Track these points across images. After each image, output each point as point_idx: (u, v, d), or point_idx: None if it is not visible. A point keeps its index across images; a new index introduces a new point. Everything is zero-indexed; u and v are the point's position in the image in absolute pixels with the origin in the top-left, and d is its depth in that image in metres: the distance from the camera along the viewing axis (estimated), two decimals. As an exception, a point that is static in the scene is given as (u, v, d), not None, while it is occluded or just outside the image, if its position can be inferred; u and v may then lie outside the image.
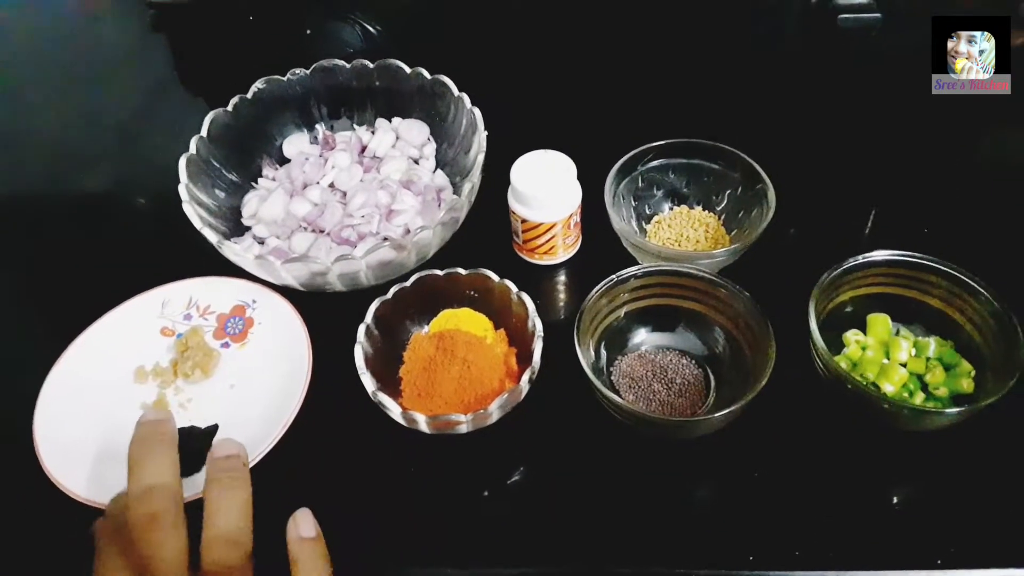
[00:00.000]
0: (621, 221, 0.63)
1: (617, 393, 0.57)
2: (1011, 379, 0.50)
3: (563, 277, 0.68)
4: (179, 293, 0.64)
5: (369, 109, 0.74)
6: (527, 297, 0.56)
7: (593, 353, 0.57)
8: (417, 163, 0.72)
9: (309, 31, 0.80)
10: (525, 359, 0.55)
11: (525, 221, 0.64)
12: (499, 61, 0.83)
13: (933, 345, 0.56)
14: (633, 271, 0.57)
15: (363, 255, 0.57)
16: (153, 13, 0.90)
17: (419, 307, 0.60)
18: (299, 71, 0.72)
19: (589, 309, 0.55)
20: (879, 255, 0.56)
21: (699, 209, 0.69)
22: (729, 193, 0.67)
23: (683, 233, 0.67)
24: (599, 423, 0.54)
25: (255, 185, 0.71)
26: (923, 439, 0.53)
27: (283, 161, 0.73)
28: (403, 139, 0.72)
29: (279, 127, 0.73)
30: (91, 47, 0.96)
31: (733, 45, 0.81)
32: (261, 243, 0.66)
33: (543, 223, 0.63)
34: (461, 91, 0.69)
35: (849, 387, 0.52)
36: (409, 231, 0.65)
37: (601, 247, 0.66)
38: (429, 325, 0.60)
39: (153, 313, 0.63)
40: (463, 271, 0.59)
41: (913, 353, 0.56)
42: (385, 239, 0.63)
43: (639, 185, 0.68)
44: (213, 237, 0.59)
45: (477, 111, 0.67)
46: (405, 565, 0.50)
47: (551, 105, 0.81)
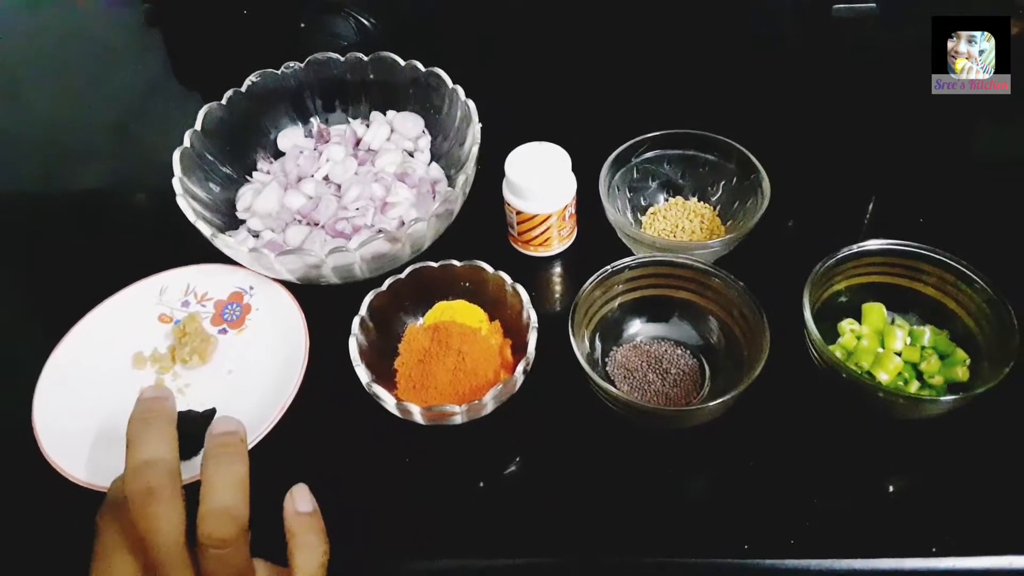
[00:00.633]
0: (616, 212, 0.63)
1: (612, 384, 0.57)
2: (1006, 367, 0.50)
3: (558, 269, 0.68)
4: (177, 280, 0.65)
5: (364, 102, 0.74)
6: (521, 288, 0.56)
7: (588, 344, 0.57)
8: (412, 156, 0.72)
9: (303, 24, 0.80)
10: (520, 350, 0.55)
11: (520, 213, 0.63)
12: (494, 53, 0.83)
13: (928, 334, 0.56)
14: (627, 262, 0.57)
15: (357, 247, 0.57)
16: (147, 7, 0.90)
17: (414, 299, 0.60)
18: (293, 64, 0.72)
19: (583, 300, 0.55)
20: (873, 244, 0.56)
21: (694, 200, 0.68)
22: (724, 184, 0.67)
23: (678, 224, 0.67)
24: (594, 414, 0.54)
25: (250, 179, 0.70)
26: (918, 428, 0.53)
27: (278, 154, 0.73)
28: (398, 132, 0.72)
29: (273, 120, 0.73)
30: (86, 41, 0.96)
31: (728, 35, 0.81)
32: (256, 236, 0.66)
33: (538, 215, 0.63)
34: (455, 83, 0.69)
35: (844, 376, 0.52)
36: (404, 223, 0.65)
37: (596, 238, 0.66)
38: (424, 317, 0.60)
39: (151, 300, 0.64)
40: (457, 263, 0.59)
41: (908, 342, 0.56)
42: (380, 231, 0.63)
43: (634, 176, 0.68)
44: (207, 230, 0.59)
45: (471, 103, 0.67)
46: (400, 555, 0.50)
47: (546, 97, 0.81)
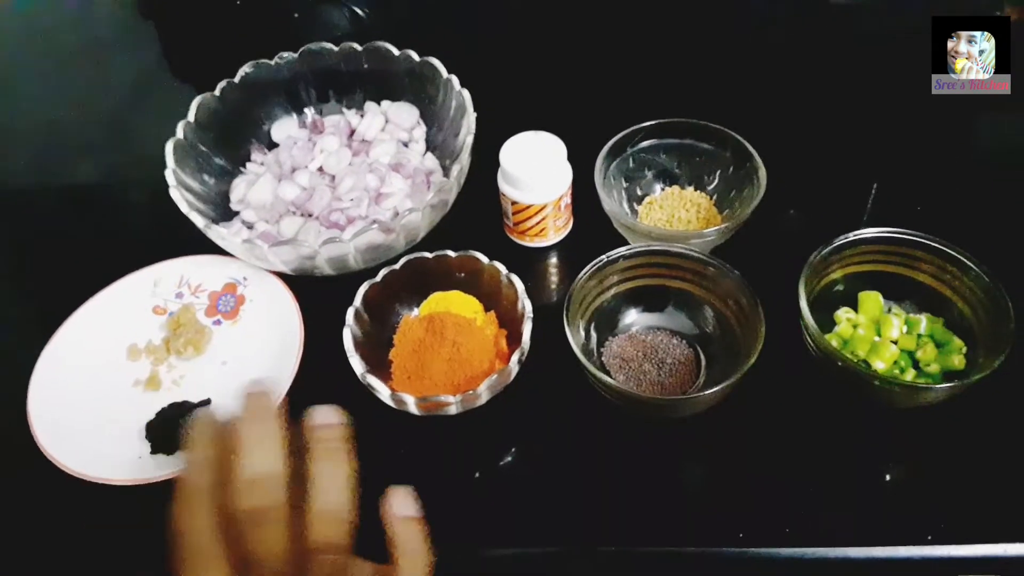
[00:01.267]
0: (612, 202, 0.63)
1: (608, 374, 0.57)
2: (1001, 354, 0.50)
3: (554, 259, 0.68)
4: (171, 272, 0.65)
5: (358, 92, 0.74)
6: (516, 279, 0.56)
7: (583, 334, 0.57)
8: (407, 146, 0.72)
9: (297, 15, 0.80)
10: (515, 340, 0.55)
11: (515, 203, 0.63)
12: (488, 43, 0.83)
13: (924, 322, 0.56)
14: (622, 251, 0.57)
15: (351, 238, 0.57)
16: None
17: (409, 290, 0.60)
18: (287, 55, 0.71)
19: (578, 291, 0.55)
20: (869, 232, 0.56)
21: (691, 189, 0.68)
22: (720, 173, 0.66)
23: (675, 214, 0.66)
24: (590, 403, 0.54)
25: (243, 170, 0.70)
26: (914, 416, 0.53)
27: (272, 146, 0.73)
28: (392, 122, 0.72)
29: (267, 111, 0.73)
30: (79, 33, 0.95)
31: (724, 24, 0.81)
32: (250, 228, 0.66)
33: (533, 205, 0.63)
34: (450, 73, 0.68)
35: (840, 365, 0.52)
36: (398, 214, 0.65)
37: (593, 228, 0.66)
38: (419, 308, 0.60)
39: (145, 292, 0.64)
40: (452, 253, 0.58)
41: (904, 330, 0.56)
42: (374, 222, 0.63)
43: (630, 166, 0.67)
44: (200, 221, 0.59)
45: (466, 93, 0.66)
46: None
47: (542, 86, 0.81)
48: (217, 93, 0.69)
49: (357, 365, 0.52)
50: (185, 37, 0.91)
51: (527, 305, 0.54)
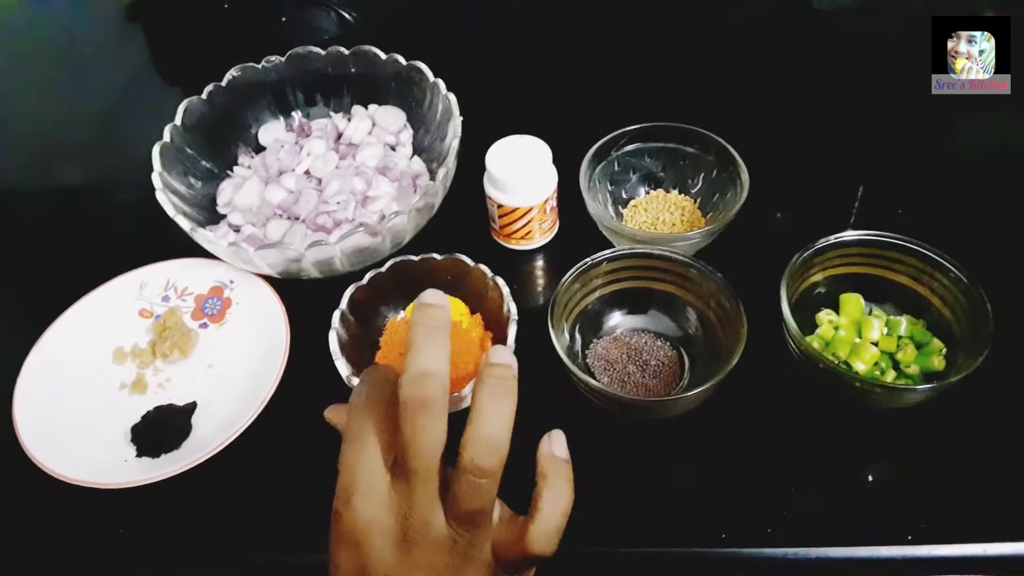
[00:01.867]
0: (597, 206, 0.63)
1: (592, 376, 0.57)
2: (980, 355, 0.50)
3: (540, 261, 0.68)
4: (157, 275, 0.65)
5: (345, 96, 0.74)
6: (502, 281, 0.56)
7: (568, 336, 0.57)
8: (394, 149, 0.72)
9: (284, 18, 0.80)
10: (500, 343, 0.55)
11: (501, 206, 0.64)
12: (475, 47, 0.83)
13: (904, 324, 0.56)
14: (605, 255, 0.57)
15: (337, 241, 0.57)
16: (129, 2, 0.90)
17: (395, 292, 0.60)
18: (274, 58, 0.72)
19: (562, 294, 0.55)
20: (849, 235, 0.57)
21: (675, 193, 0.69)
22: (704, 176, 0.67)
23: (659, 217, 0.67)
24: (575, 405, 0.55)
25: (231, 173, 0.70)
26: (895, 417, 0.54)
27: (259, 149, 0.73)
28: (379, 126, 0.72)
29: (255, 115, 0.73)
30: (67, 36, 0.95)
31: (708, 27, 0.81)
32: (236, 231, 0.66)
33: (519, 208, 0.63)
34: (437, 77, 0.69)
35: (821, 366, 0.52)
36: (384, 217, 0.65)
37: (578, 231, 0.66)
38: (405, 310, 0.60)
39: (131, 295, 0.64)
40: (438, 256, 0.59)
41: (885, 332, 0.57)
42: (361, 225, 0.63)
43: (615, 169, 0.68)
44: (186, 225, 0.59)
45: (452, 97, 0.67)
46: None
47: (529, 90, 0.81)
48: (204, 96, 0.69)
49: (343, 368, 0.53)
50: (173, 40, 0.91)
51: (512, 308, 0.55)
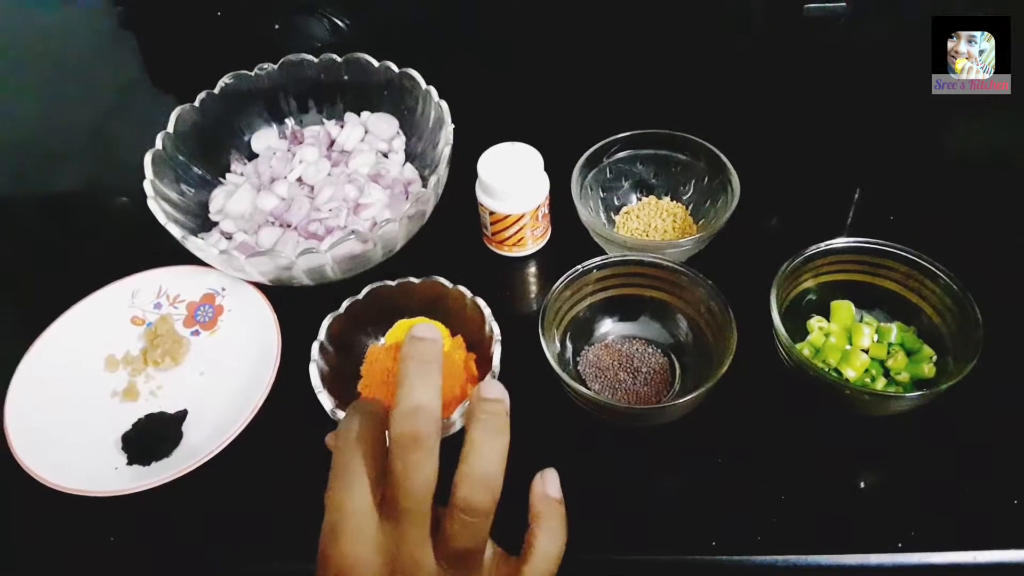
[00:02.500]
0: (588, 213, 0.63)
1: (583, 382, 0.57)
2: (970, 362, 0.50)
3: (533, 268, 0.68)
4: (149, 282, 0.65)
5: (338, 103, 0.74)
6: (482, 301, 0.56)
7: (559, 344, 0.57)
8: (386, 156, 0.72)
9: (278, 26, 0.80)
10: (485, 363, 0.54)
11: (493, 213, 0.64)
12: (468, 55, 0.83)
13: (895, 331, 0.57)
14: (596, 262, 0.57)
15: (328, 249, 0.57)
16: (120, 9, 0.90)
17: (373, 319, 0.58)
18: (267, 65, 0.72)
19: (553, 302, 0.55)
20: (839, 242, 0.57)
21: (667, 199, 0.69)
22: (695, 183, 0.67)
23: (651, 223, 0.67)
24: (566, 412, 0.55)
25: (223, 180, 0.70)
26: (885, 424, 0.54)
27: (252, 156, 0.73)
28: (372, 133, 0.72)
29: (248, 122, 0.73)
30: (59, 43, 0.95)
31: (700, 35, 0.81)
32: (229, 238, 0.66)
33: (511, 215, 0.63)
34: (429, 84, 0.69)
35: (811, 374, 0.52)
36: (376, 224, 0.65)
37: (572, 237, 0.66)
38: (385, 337, 0.59)
39: (123, 303, 0.64)
40: (415, 280, 0.58)
41: (875, 339, 0.57)
42: (353, 232, 0.63)
43: (607, 176, 0.68)
44: (178, 232, 0.59)
45: (444, 104, 0.67)
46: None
47: (521, 97, 0.81)
48: (197, 104, 0.69)
49: (326, 401, 0.51)
50: (166, 47, 0.91)
51: (495, 328, 0.54)
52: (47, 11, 0.98)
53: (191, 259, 0.62)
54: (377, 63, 0.71)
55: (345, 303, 0.57)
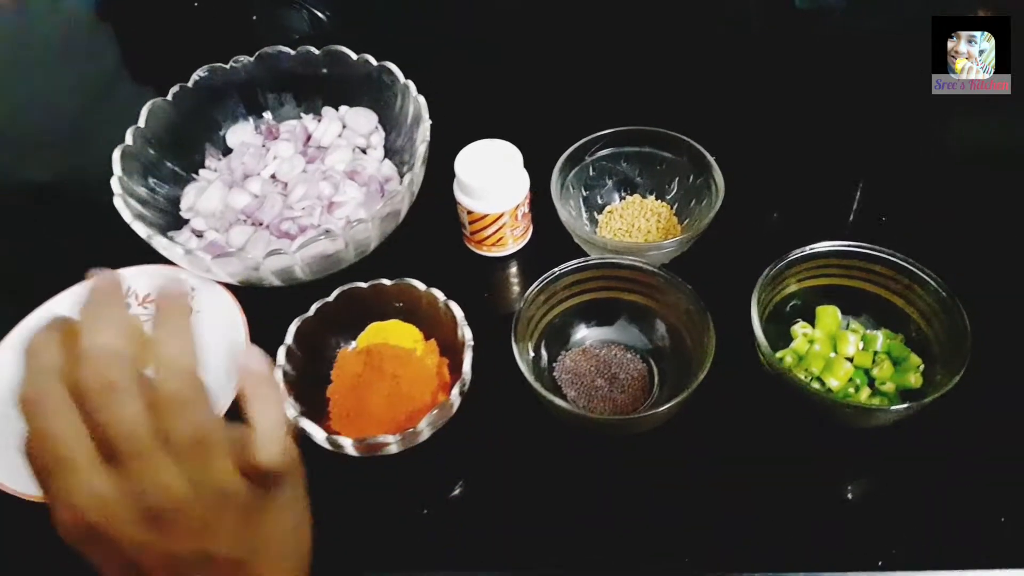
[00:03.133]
0: (569, 214, 0.61)
1: (559, 389, 0.55)
2: (958, 373, 0.48)
3: (514, 268, 0.66)
4: None
5: (316, 97, 0.72)
6: (455, 306, 0.54)
7: (533, 351, 0.55)
8: (365, 152, 0.70)
9: (255, 17, 0.78)
10: (458, 369, 0.52)
11: (471, 213, 0.62)
12: (448, 48, 0.81)
13: (881, 339, 0.55)
14: (570, 266, 0.55)
15: (296, 250, 0.55)
16: (99, 1, 0.88)
17: (344, 322, 0.57)
18: (243, 58, 0.70)
19: (526, 308, 0.53)
20: (824, 246, 0.55)
21: (651, 198, 0.67)
22: (680, 181, 0.65)
23: (635, 223, 0.65)
24: (542, 422, 0.53)
25: (196, 176, 0.69)
26: (868, 434, 0.52)
27: (228, 151, 0.71)
28: (350, 127, 0.70)
29: (224, 116, 0.71)
30: (36, 36, 0.93)
31: (686, 29, 0.79)
32: (199, 236, 0.64)
33: (489, 214, 0.61)
34: (408, 79, 0.67)
35: (793, 384, 0.50)
36: (350, 223, 0.63)
37: (553, 236, 0.64)
38: (356, 340, 0.57)
39: None
40: (388, 282, 0.56)
41: (861, 347, 0.55)
42: (326, 232, 0.61)
43: (590, 174, 0.66)
44: (143, 231, 0.57)
45: (422, 100, 0.65)
46: None
47: (503, 93, 0.79)
48: (170, 98, 0.67)
49: (290, 409, 0.50)
50: (143, 39, 0.89)
51: (467, 334, 0.52)
52: (24, 2, 0.96)
53: (161, 259, 0.60)
54: (356, 56, 0.69)
55: (315, 305, 0.55)
